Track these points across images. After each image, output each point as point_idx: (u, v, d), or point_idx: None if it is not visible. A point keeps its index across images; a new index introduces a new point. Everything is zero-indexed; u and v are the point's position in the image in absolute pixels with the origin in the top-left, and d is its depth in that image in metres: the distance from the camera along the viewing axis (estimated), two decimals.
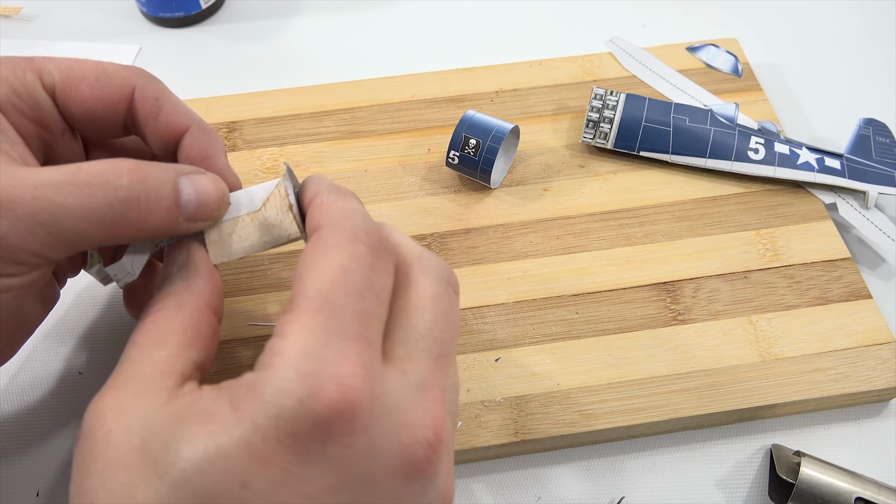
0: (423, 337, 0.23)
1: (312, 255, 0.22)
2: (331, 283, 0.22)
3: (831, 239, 0.39)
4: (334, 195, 0.25)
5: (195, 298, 0.25)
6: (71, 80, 0.28)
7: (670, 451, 0.35)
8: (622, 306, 0.37)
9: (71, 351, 0.37)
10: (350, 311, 0.21)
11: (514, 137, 0.42)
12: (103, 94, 0.28)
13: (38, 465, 0.34)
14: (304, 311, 0.21)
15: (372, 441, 0.21)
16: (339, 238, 0.23)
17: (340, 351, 0.21)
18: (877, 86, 0.49)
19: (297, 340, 0.21)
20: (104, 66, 0.29)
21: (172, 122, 0.29)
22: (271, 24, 0.53)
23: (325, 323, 0.21)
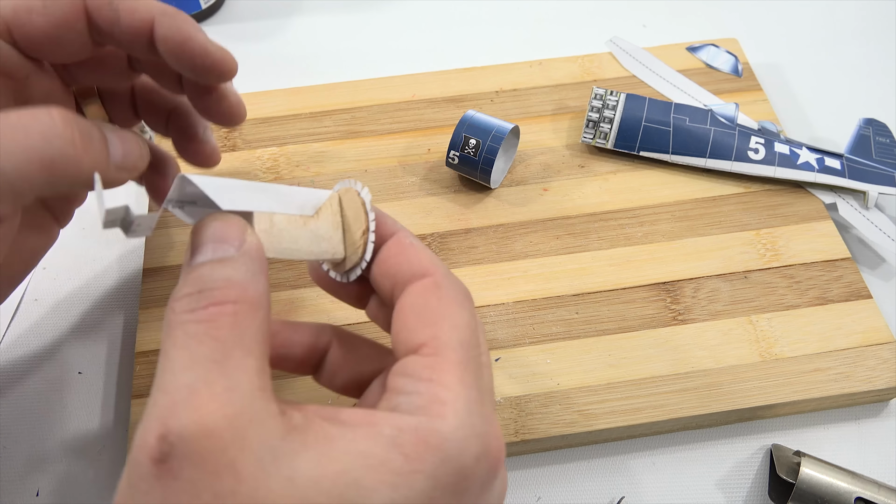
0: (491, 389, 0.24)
1: (439, 305, 0.23)
2: (468, 338, 0.22)
3: (831, 239, 0.39)
4: (416, 240, 0.25)
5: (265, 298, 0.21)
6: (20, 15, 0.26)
7: (670, 451, 0.35)
8: (622, 306, 0.37)
9: (71, 351, 0.37)
10: (481, 367, 0.23)
11: (514, 137, 0.42)
12: (56, 18, 0.26)
13: (38, 465, 0.34)
14: (456, 362, 0.22)
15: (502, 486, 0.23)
16: (458, 294, 0.23)
17: (490, 408, 0.22)
18: (877, 86, 0.49)
19: (461, 396, 0.21)
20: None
21: (135, 20, 0.27)
22: (271, 24, 0.53)
23: (474, 380, 0.22)
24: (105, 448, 0.34)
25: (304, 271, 0.38)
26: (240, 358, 0.19)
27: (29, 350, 0.37)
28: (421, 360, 0.21)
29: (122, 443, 0.35)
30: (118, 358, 0.37)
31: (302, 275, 0.38)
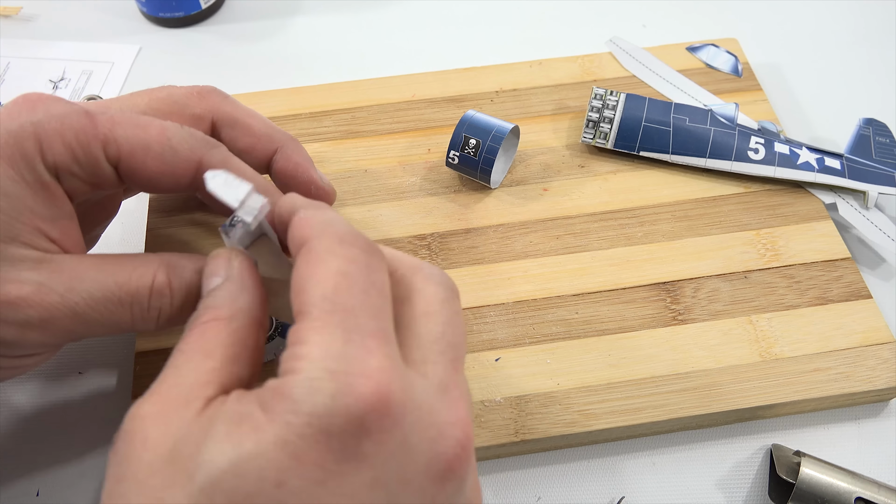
0: (436, 340, 0.23)
1: (307, 266, 0.23)
2: (333, 286, 0.22)
3: (831, 239, 0.39)
4: (311, 209, 0.25)
5: (244, 313, 0.24)
6: (136, 152, 0.28)
7: (670, 451, 0.35)
8: (622, 306, 0.37)
9: (71, 351, 0.37)
10: (360, 308, 0.22)
11: (514, 137, 0.42)
12: (169, 168, 0.28)
13: (38, 465, 0.34)
14: (316, 317, 0.21)
15: (405, 438, 0.21)
16: (328, 244, 0.23)
17: (363, 346, 0.21)
18: (877, 86, 0.49)
19: (317, 343, 0.21)
20: (168, 133, 0.28)
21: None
22: (271, 24, 0.53)
23: (340, 323, 0.21)
24: (105, 448, 0.34)
25: None
26: (198, 360, 0.23)
27: None
28: (294, 328, 0.22)
29: None
30: (118, 358, 0.37)
31: None
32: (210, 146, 0.29)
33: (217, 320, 0.24)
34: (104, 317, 0.26)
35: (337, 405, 0.20)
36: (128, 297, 0.26)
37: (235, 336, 0.24)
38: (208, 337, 0.23)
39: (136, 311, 0.27)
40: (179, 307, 0.28)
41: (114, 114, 0.28)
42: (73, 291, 0.26)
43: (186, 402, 0.22)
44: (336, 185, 0.41)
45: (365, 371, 0.20)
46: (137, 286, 0.27)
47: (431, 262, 0.38)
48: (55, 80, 0.49)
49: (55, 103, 0.27)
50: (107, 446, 0.34)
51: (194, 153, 0.29)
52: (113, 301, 0.26)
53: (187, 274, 0.28)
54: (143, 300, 0.27)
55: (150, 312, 0.27)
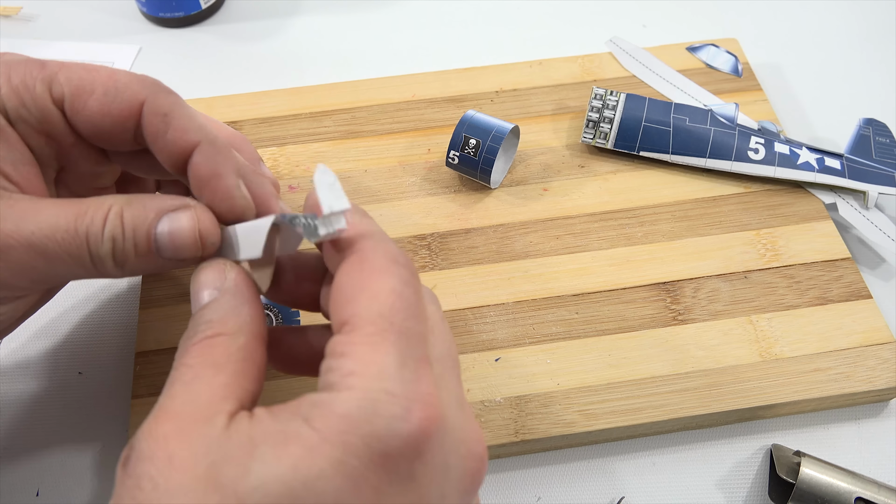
0: (445, 357, 0.24)
1: (360, 278, 0.22)
2: (390, 306, 0.22)
3: (831, 239, 0.39)
4: (357, 215, 0.25)
5: (248, 327, 0.24)
6: (80, 93, 0.27)
7: (670, 451, 0.35)
8: (622, 306, 0.37)
9: (71, 351, 0.37)
10: (413, 332, 0.22)
11: (514, 137, 0.42)
12: (110, 109, 0.27)
13: (38, 465, 0.34)
14: (371, 333, 0.21)
15: (445, 457, 0.21)
16: (383, 261, 0.23)
17: (416, 371, 0.21)
18: (877, 86, 0.49)
19: (373, 362, 0.21)
20: (116, 77, 0.27)
21: (181, 139, 0.27)
22: (271, 24, 0.53)
23: (395, 344, 0.21)
24: (105, 448, 0.34)
25: None
26: (209, 375, 0.22)
27: (29, 350, 0.37)
28: (341, 338, 0.22)
29: (122, 443, 0.35)
30: (118, 358, 0.37)
31: None
32: (158, 89, 0.28)
33: (223, 335, 0.23)
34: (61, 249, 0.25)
35: (397, 428, 0.20)
36: (83, 227, 0.25)
37: (243, 351, 0.23)
38: (217, 352, 0.23)
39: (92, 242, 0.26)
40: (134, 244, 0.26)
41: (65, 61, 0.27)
42: (28, 220, 0.25)
43: (207, 419, 0.21)
44: None
45: (420, 396, 0.21)
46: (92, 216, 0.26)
47: (431, 262, 0.38)
48: None
49: (11, 54, 0.27)
50: (107, 446, 0.34)
51: (137, 95, 0.27)
52: (69, 231, 0.25)
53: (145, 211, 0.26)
54: (97, 230, 0.26)
55: (105, 244, 0.26)
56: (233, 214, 0.28)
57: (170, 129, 0.27)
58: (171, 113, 0.27)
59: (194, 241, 0.27)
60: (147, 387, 0.34)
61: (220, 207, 0.27)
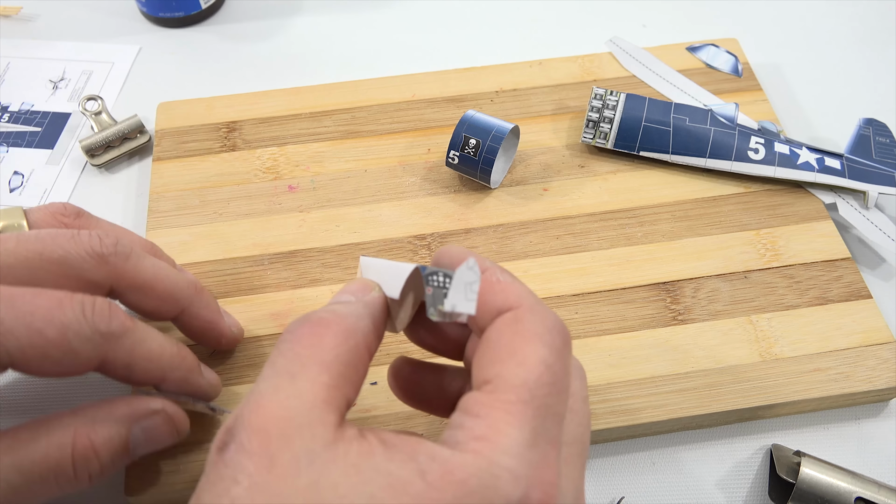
0: (576, 441, 0.23)
1: (512, 340, 0.22)
2: (537, 377, 0.21)
3: (831, 239, 0.39)
4: (507, 275, 0.24)
5: (363, 335, 0.23)
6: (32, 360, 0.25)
7: (670, 451, 0.35)
8: (622, 306, 0.37)
9: None
10: (552, 411, 0.21)
11: (514, 137, 0.42)
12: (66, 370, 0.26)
13: None
14: (510, 402, 0.21)
15: None
16: (539, 328, 0.22)
17: (545, 455, 0.20)
18: (877, 86, 0.49)
19: (505, 433, 0.20)
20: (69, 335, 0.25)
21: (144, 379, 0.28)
22: (271, 24, 0.53)
23: (532, 421, 0.20)
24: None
25: (303, 271, 0.38)
26: (315, 372, 0.21)
27: None
28: (479, 397, 0.21)
29: None
30: None
31: (302, 274, 0.38)
32: (115, 339, 0.26)
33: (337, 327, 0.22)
34: (21, 493, 0.24)
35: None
36: (50, 472, 0.25)
37: (351, 354, 0.22)
38: (326, 346, 0.22)
39: (63, 481, 0.25)
40: (107, 467, 0.26)
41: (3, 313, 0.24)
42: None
43: (311, 426, 0.20)
44: (336, 185, 0.41)
45: (541, 484, 0.20)
46: (57, 459, 0.25)
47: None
48: (55, 80, 0.49)
49: None
50: None
51: (96, 354, 0.26)
52: (34, 480, 0.24)
53: (112, 428, 0.26)
54: (67, 470, 0.25)
55: (80, 477, 0.25)
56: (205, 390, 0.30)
57: (133, 376, 0.27)
58: (132, 362, 0.27)
59: (173, 437, 0.29)
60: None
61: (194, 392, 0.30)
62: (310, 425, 0.20)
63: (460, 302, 0.23)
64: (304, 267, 0.38)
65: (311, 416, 0.20)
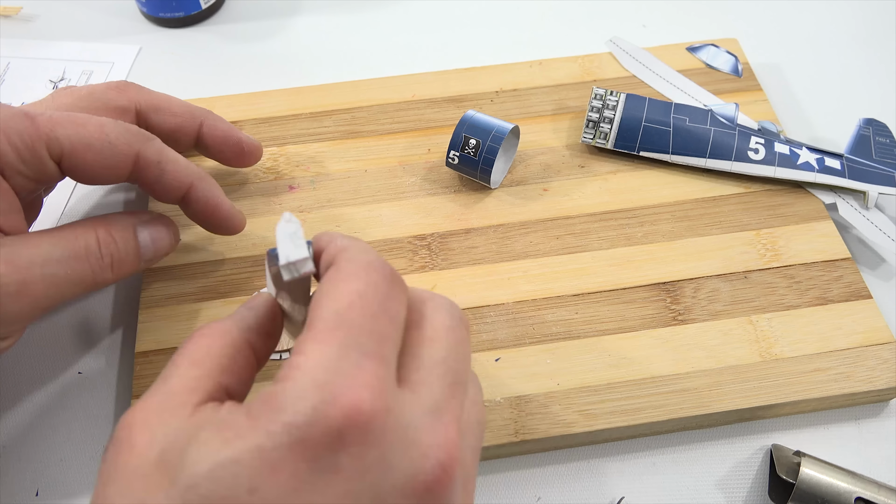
0: (437, 364, 0.23)
1: (329, 283, 0.23)
2: (347, 304, 0.22)
3: (831, 239, 0.39)
4: (349, 240, 0.25)
5: (240, 332, 0.25)
6: (77, 149, 0.30)
7: (670, 451, 0.35)
8: (622, 306, 0.37)
9: (71, 351, 0.37)
10: (365, 329, 0.22)
11: (514, 137, 0.42)
12: (108, 162, 0.31)
13: (38, 465, 0.34)
14: (322, 330, 0.22)
15: (383, 455, 0.21)
16: (354, 267, 0.23)
17: (356, 363, 0.21)
18: (876, 86, 0.49)
19: (314, 354, 0.21)
20: (106, 131, 0.30)
21: (176, 181, 0.32)
22: (271, 24, 0.53)
23: (342, 339, 0.21)
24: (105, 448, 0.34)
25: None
26: (184, 369, 0.23)
27: (29, 350, 0.37)
28: (298, 339, 0.22)
29: None
30: (118, 358, 0.37)
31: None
32: (146, 139, 0.32)
33: (210, 330, 0.25)
34: (69, 272, 0.29)
35: (317, 416, 0.20)
36: (82, 249, 0.30)
37: (226, 349, 0.24)
38: (198, 347, 0.24)
39: (94, 260, 0.30)
40: (124, 254, 0.31)
41: (52, 114, 0.30)
42: (38, 255, 0.28)
43: (173, 409, 0.22)
44: (336, 185, 0.41)
45: (351, 386, 0.20)
46: (86, 240, 0.30)
47: (431, 262, 0.38)
48: (55, 80, 0.49)
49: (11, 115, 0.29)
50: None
51: (131, 147, 0.31)
52: (72, 256, 0.29)
53: (123, 226, 0.32)
54: (94, 250, 0.30)
55: (105, 259, 0.30)
56: (235, 230, 0.36)
57: (165, 175, 0.32)
58: (162, 160, 0.32)
59: (170, 243, 0.34)
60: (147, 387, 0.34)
61: (223, 228, 0.35)
62: (170, 409, 0.22)
63: (291, 251, 0.24)
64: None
65: (172, 402, 0.22)
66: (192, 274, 0.38)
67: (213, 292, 0.37)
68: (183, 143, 0.37)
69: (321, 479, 0.20)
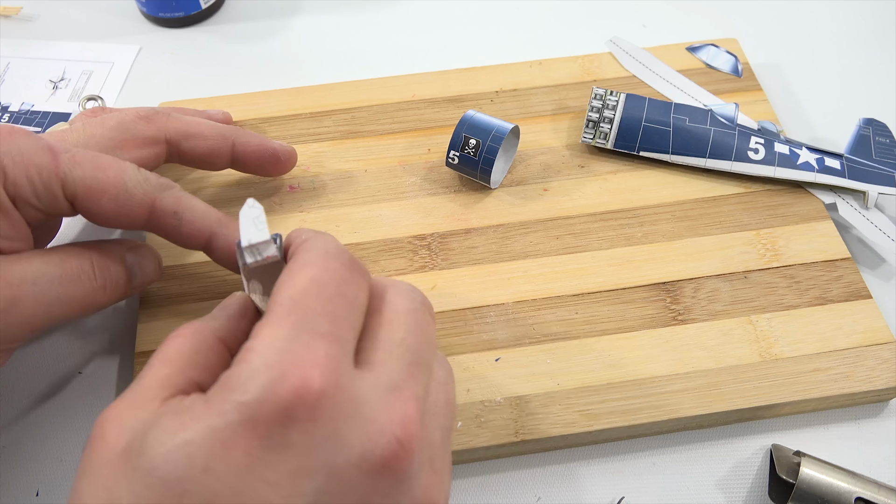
0: (395, 345, 0.24)
1: (286, 272, 0.24)
2: (302, 290, 0.23)
3: (831, 239, 0.39)
4: (311, 232, 0.26)
5: (211, 331, 0.25)
6: (93, 193, 0.30)
7: (670, 451, 0.35)
8: (622, 306, 0.37)
9: (71, 351, 0.37)
10: (319, 312, 0.22)
11: (514, 137, 0.42)
12: (123, 210, 0.30)
13: (38, 465, 0.34)
14: (276, 314, 0.22)
15: (336, 431, 0.21)
16: (312, 255, 0.24)
17: (308, 344, 0.22)
18: (876, 86, 0.49)
19: (267, 337, 0.22)
20: (125, 178, 0.30)
21: (194, 230, 0.32)
22: (271, 24, 0.53)
23: (295, 322, 0.22)
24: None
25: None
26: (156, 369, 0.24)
27: (29, 350, 0.37)
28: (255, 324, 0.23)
29: None
30: (118, 358, 0.37)
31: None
32: (163, 188, 0.31)
33: (183, 331, 0.25)
34: (60, 291, 0.29)
35: (266, 394, 0.20)
36: (76, 270, 0.30)
37: (196, 347, 0.25)
38: (170, 347, 0.25)
39: (86, 281, 0.30)
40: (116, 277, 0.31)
41: (76, 153, 0.30)
42: (29, 272, 0.28)
43: (142, 404, 0.23)
44: (336, 185, 0.41)
45: (300, 364, 0.21)
46: (80, 261, 0.30)
47: (431, 262, 0.38)
48: (55, 80, 0.49)
49: (23, 137, 0.29)
50: None
51: (147, 196, 0.31)
52: (65, 276, 0.29)
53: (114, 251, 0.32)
54: (88, 271, 0.30)
55: (98, 281, 0.30)
56: None
57: (182, 224, 0.31)
58: (179, 210, 0.31)
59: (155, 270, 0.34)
60: None
61: None
62: (140, 403, 0.23)
63: (253, 234, 0.25)
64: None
65: (143, 397, 0.23)
66: (192, 274, 0.38)
67: (213, 292, 0.37)
68: (218, 165, 0.37)
69: (273, 456, 0.21)
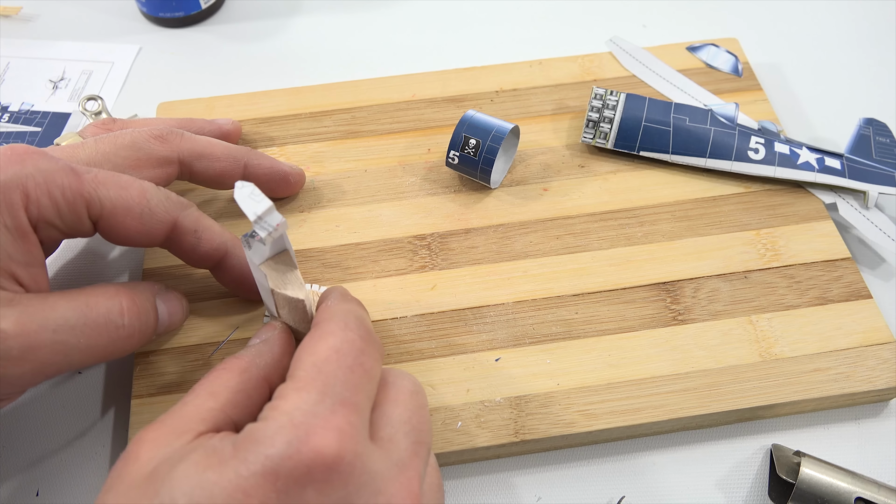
0: (403, 423, 0.26)
1: (309, 340, 0.26)
2: (324, 358, 0.25)
3: (831, 239, 0.39)
4: (339, 300, 0.28)
5: (259, 369, 0.27)
6: (117, 212, 0.30)
7: (670, 451, 0.35)
8: (622, 306, 0.37)
9: None
10: (341, 380, 0.24)
11: (514, 137, 0.42)
12: (145, 228, 0.31)
13: (38, 465, 0.34)
14: (301, 379, 0.24)
15: (348, 496, 0.23)
16: (333, 326, 0.26)
17: (332, 409, 0.23)
18: (877, 86, 0.49)
19: (293, 399, 0.24)
20: (147, 196, 0.30)
21: (211, 248, 0.32)
22: (271, 24, 0.53)
23: (319, 387, 0.24)
24: (105, 448, 0.34)
25: (304, 271, 0.38)
26: (202, 399, 0.25)
27: None
28: (281, 386, 0.25)
29: (122, 443, 0.35)
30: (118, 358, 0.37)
31: (302, 274, 0.38)
32: (184, 207, 0.32)
33: (232, 370, 0.27)
34: (82, 341, 0.28)
35: (289, 451, 0.22)
36: (102, 318, 0.28)
37: (242, 386, 0.26)
38: (220, 381, 0.26)
39: (112, 329, 0.29)
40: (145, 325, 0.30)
41: (98, 173, 0.30)
42: (51, 320, 0.27)
43: (179, 433, 0.24)
44: (336, 185, 0.41)
45: (324, 427, 0.23)
46: (108, 307, 0.29)
47: (431, 262, 0.38)
48: (55, 80, 0.49)
49: (43, 158, 0.29)
50: (107, 446, 0.34)
51: (170, 214, 0.31)
52: (88, 324, 0.28)
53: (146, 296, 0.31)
54: (115, 319, 0.29)
55: (125, 330, 0.29)
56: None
57: (201, 243, 0.32)
58: (199, 228, 0.32)
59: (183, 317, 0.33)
60: (147, 387, 0.34)
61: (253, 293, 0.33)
62: (177, 432, 0.24)
63: (254, 206, 0.25)
64: (305, 267, 0.38)
65: (181, 426, 0.24)
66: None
67: (213, 292, 0.37)
68: (229, 185, 0.37)
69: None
